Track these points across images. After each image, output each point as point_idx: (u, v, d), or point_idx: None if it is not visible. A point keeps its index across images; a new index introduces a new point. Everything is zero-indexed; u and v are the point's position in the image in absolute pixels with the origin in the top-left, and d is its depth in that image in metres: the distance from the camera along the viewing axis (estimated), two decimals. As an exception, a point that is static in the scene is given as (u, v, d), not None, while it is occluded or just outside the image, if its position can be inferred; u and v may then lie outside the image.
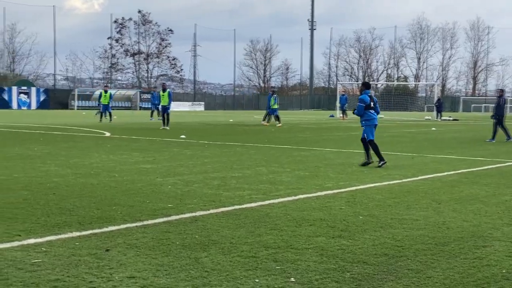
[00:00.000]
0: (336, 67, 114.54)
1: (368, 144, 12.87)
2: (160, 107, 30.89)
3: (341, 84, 72.78)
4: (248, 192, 8.93)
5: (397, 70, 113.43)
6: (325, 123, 39.73)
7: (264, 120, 34.56)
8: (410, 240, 6.08)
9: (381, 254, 5.51)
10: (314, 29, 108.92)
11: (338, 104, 54.46)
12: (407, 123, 40.61)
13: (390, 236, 6.24)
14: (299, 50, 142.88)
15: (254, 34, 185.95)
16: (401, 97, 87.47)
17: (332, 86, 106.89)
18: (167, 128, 27.13)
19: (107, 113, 35.50)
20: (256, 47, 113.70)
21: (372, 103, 13.00)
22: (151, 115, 39.54)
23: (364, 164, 12.71)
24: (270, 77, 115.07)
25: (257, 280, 4.62)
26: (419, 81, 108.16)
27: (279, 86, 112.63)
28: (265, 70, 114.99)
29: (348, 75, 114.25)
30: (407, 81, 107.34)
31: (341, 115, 48.22)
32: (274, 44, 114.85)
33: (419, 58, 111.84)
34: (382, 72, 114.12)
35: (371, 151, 12.85)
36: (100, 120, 34.37)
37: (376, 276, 4.84)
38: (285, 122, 39.10)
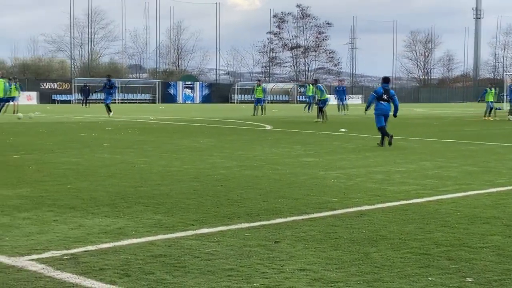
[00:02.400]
0: (504, 57, 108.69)
1: (379, 130, 15.19)
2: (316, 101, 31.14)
3: (509, 75, 68.93)
4: (414, 187, 8.71)
5: None
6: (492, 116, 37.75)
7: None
8: None
9: None
10: (480, 18, 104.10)
11: (505, 96, 51.51)
12: None
13: None
14: (462, 40, 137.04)
15: (414, 25, 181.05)
16: None
17: (499, 78, 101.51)
18: (320, 121, 27.21)
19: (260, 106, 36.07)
20: (417, 38, 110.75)
21: (385, 96, 15.20)
22: (309, 108, 39.81)
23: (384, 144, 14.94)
24: (431, 68, 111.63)
25: (430, 278, 4.49)
26: None
27: (440, 77, 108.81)
28: (425, 62, 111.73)
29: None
30: None
31: None
32: (435, 35, 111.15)
33: None
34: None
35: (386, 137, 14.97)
36: (254, 114, 34.96)
37: (562, 280, 4.52)
38: (448, 115, 37.75)
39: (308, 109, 39.87)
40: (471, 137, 19.01)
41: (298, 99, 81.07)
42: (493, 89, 32.08)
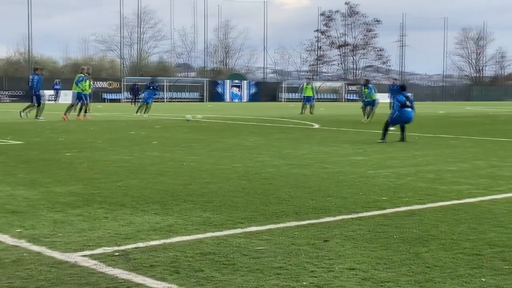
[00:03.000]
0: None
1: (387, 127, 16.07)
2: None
3: None
4: (466, 186, 8.56)
5: None
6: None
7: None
8: None
9: None
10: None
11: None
12: None
13: None
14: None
15: (466, 22, 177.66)
16: None
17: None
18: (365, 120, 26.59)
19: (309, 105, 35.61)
20: (468, 35, 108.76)
21: (408, 102, 16.06)
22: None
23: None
24: (484, 66, 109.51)
25: (483, 279, 4.40)
26: None
27: (493, 75, 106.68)
28: (477, 59, 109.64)
29: None
30: None
31: None
32: (488, 31, 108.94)
33: None
34: None
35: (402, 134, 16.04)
36: (302, 112, 34.67)
37: None
38: (501, 114, 36.96)
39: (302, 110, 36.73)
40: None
41: (347, 97, 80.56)
42: None
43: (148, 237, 5.57)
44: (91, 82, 32.54)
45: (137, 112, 32.09)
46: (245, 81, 78.63)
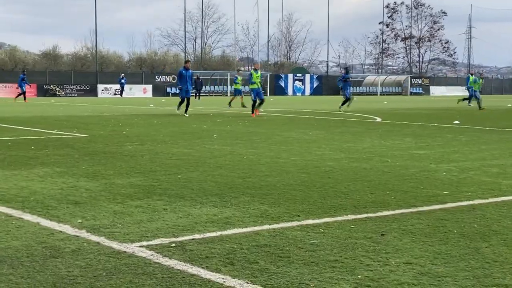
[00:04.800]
0: None
1: None
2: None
3: None
4: (531, 181, 8.31)
5: None
6: None
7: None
8: None
9: None
10: None
11: None
12: None
13: None
14: None
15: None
16: None
17: None
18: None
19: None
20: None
21: None
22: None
23: None
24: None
25: (546, 277, 4.26)
26: None
27: None
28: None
29: None
30: None
31: None
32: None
33: None
34: None
35: None
36: None
37: None
38: None
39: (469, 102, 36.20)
40: None
41: (412, 91, 79.27)
42: None
43: (205, 229, 5.62)
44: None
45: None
46: (308, 75, 78.35)
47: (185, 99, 25.13)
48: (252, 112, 24.99)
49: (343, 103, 29.46)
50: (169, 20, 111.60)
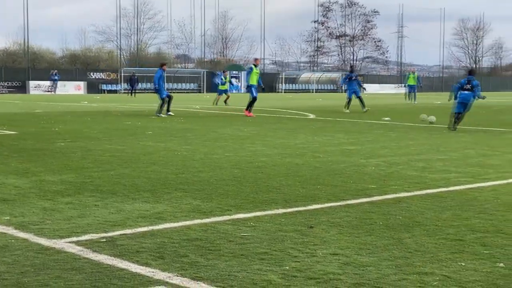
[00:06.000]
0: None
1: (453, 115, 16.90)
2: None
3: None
4: (454, 174, 8.63)
5: None
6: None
7: None
8: None
9: None
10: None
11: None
12: None
13: None
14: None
15: (464, 12, 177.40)
16: None
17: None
18: None
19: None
20: (466, 25, 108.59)
21: (468, 85, 16.98)
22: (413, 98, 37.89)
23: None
24: (481, 57, 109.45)
25: (462, 264, 4.48)
26: None
27: (491, 66, 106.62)
28: (476, 50, 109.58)
29: None
30: None
31: None
32: (486, 22, 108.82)
33: None
34: None
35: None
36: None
37: None
38: (497, 104, 37.00)
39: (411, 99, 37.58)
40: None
41: (345, 88, 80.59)
42: None
43: (136, 224, 5.64)
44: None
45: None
46: (244, 72, 78.56)
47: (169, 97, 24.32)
48: (249, 111, 23.21)
49: (348, 104, 26.92)
50: (103, 17, 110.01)
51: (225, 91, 34.37)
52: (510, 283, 4.09)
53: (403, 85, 40.54)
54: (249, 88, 23.82)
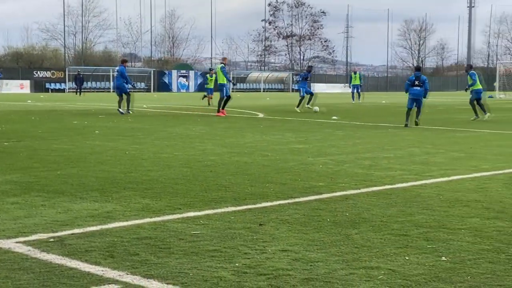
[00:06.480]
0: (496, 46, 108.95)
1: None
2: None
3: (501, 63, 69.14)
4: (400, 172, 8.84)
5: None
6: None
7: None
8: None
9: (540, 237, 5.29)
10: (473, 6, 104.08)
11: (496, 84, 52.14)
12: None
13: (551, 219, 5.95)
14: (456, 28, 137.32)
15: (408, 14, 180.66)
16: None
17: (492, 66, 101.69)
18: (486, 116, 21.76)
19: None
20: (411, 26, 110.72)
21: (417, 82, 18.19)
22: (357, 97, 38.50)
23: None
24: (425, 57, 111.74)
25: (407, 258, 4.62)
26: None
27: (434, 66, 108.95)
28: (419, 51, 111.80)
29: (510, 54, 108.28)
30: None
31: None
32: (429, 23, 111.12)
33: None
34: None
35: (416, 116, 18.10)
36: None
37: (534, 258, 4.66)
38: (440, 103, 37.89)
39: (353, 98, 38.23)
40: (460, 124, 19.16)
41: (293, 87, 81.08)
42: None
43: (85, 224, 5.61)
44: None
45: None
46: (192, 71, 78.31)
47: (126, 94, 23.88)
48: (223, 109, 23.05)
49: (300, 103, 26.92)
50: (48, 14, 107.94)
51: (211, 90, 33.07)
52: (452, 275, 4.24)
53: (348, 85, 41.23)
54: (221, 87, 23.61)
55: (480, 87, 21.95)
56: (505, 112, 27.60)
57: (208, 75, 33.59)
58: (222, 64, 24.24)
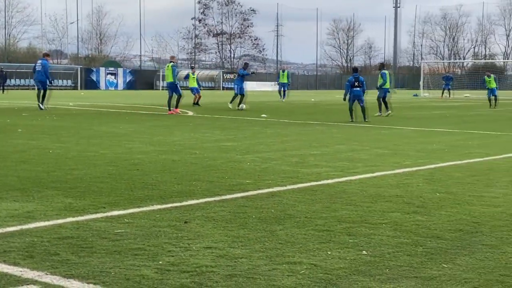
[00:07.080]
0: (421, 45, 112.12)
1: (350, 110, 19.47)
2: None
3: (425, 62, 71.14)
4: (325, 169, 8.98)
5: (485, 48, 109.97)
6: (409, 102, 39.08)
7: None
8: (487, 216, 6.00)
9: (456, 229, 5.48)
10: (399, 7, 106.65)
11: (421, 83, 53.65)
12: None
13: (466, 212, 6.17)
14: (382, 28, 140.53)
15: (337, 13, 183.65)
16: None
17: (417, 65, 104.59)
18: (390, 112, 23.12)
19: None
20: (339, 26, 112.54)
21: (356, 83, 19.65)
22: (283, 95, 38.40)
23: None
24: (353, 56, 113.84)
25: (329, 252, 4.70)
26: (508, 59, 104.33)
27: (362, 65, 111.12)
28: (347, 50, 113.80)
29: (433, 53, 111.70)
30: (495, 59, 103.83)
31: (447, 94, 46.90)
32: (357, 23, 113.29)
33: (508, 35, 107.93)
34: (468, 50, 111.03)
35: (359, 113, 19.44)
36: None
37: (449, 250, 4.83)
38: (369, 101, 38.65)
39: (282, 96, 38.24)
40: (386, 121, 19.62)
41: (224, 86, 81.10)
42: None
43: (4, 224, 5.45)
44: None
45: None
46: (121, 69, 77.22)
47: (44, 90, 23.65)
48: (177, 107, 23.29)
49: (233, 100, 27.00)
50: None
51: (197, 89, 31.69)
52: (372, 269, 4.35)
53: (276, 83, 41.60)
54: (172, 85, 23.68)
55: (388, 86, 23.68)
56: (428, 110, 28.41)
57: (190, 73, 32.58)
58: (172, 63, 24.31)
